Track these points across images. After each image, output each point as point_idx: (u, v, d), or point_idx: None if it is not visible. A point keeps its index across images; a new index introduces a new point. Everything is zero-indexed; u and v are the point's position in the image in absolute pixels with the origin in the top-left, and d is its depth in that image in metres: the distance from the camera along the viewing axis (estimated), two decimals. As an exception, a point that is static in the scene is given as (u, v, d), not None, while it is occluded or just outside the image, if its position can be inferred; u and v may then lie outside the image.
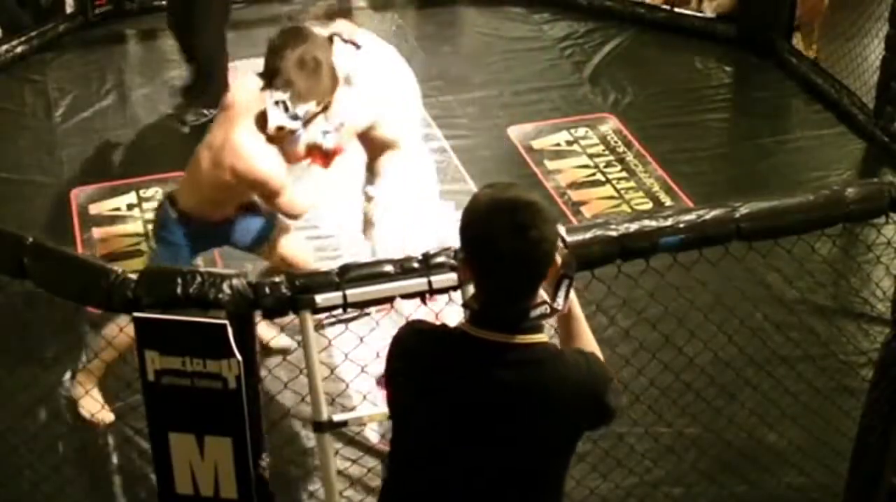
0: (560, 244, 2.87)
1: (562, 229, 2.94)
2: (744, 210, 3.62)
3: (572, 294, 3.01)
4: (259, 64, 4.57)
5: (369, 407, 4.54)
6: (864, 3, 8.15)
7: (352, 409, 4.61)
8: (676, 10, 8.90)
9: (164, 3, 8.42)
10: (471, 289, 2.95)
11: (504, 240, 2.72)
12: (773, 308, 5.71)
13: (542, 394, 2.84)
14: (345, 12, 8.99)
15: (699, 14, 8.88)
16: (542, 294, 2.89)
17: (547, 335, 2.89)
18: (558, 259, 2.87)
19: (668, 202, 6.80)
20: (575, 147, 7.40)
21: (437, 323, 3.04)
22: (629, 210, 6.66)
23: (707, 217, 3.59)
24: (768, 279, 5.81)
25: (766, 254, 4.06)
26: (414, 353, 2.94)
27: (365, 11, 9.11)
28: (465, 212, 2.82)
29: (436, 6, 9.31)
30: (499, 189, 2.83)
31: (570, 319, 3.10)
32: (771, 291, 5.85)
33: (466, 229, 2.81)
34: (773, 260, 4.71)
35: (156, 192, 6.79)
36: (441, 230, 4.99)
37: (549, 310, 2.88)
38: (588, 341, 3.12)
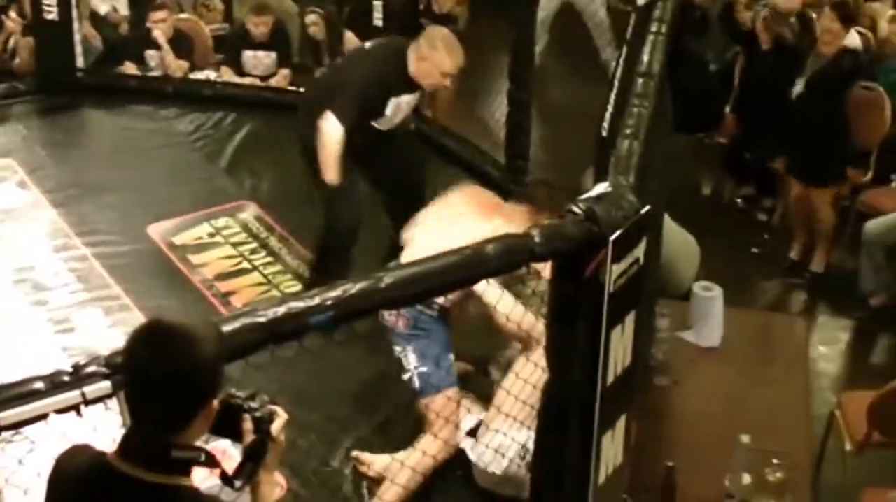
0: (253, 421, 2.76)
1: (280, 418, 2.82)
2: (388, 279, 3.62)
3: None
4: None
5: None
6: (483, 63, 8.37)
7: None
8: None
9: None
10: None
11: (147, 364, 2.58)
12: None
13: None
14: None
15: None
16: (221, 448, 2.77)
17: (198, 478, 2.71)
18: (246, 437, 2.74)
19: (317, 281, 6.77)
20: (217, 238, 7.34)
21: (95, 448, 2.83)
22: (279, 294, 6.64)
23: (353, 290, 3.57)
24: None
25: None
26: (58, 484, 2.79)
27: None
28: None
29: (60, 112, 9.11)
30: (166, 316, 2.64)
31: None
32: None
33: (123, 350, 2.64)
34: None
35: None
36: None
37: (203, 459, 2.66)
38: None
